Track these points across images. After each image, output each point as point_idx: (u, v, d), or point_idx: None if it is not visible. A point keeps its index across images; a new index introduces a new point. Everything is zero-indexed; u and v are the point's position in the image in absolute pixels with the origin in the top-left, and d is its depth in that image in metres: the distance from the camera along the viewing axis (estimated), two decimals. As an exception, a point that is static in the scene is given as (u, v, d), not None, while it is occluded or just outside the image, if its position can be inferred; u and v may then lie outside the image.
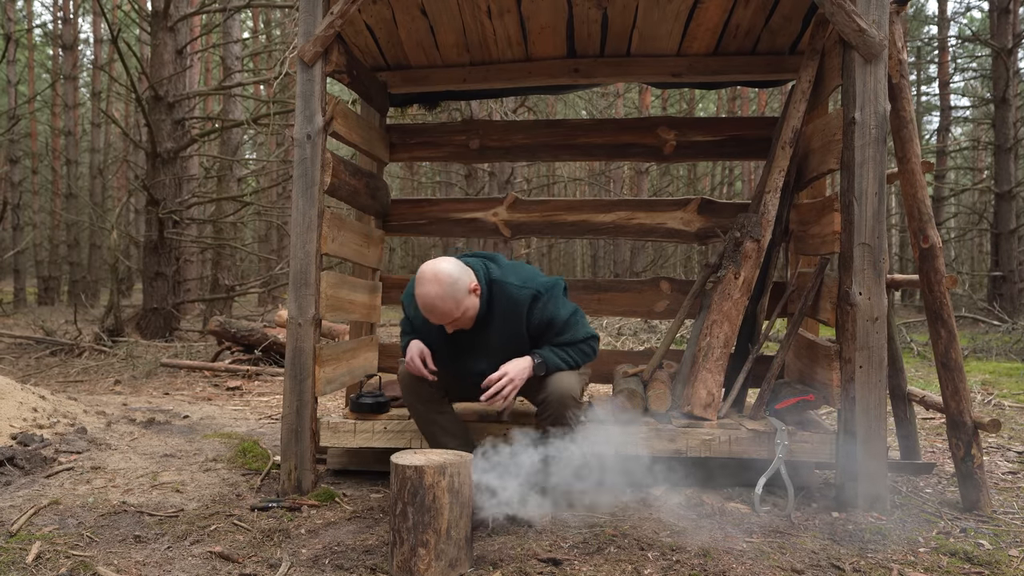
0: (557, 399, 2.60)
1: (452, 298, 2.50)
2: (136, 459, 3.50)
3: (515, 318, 2.63)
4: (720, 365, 3.12)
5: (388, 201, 3.99)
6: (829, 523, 2.64)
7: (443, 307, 2.51)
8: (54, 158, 21.02)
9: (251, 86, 16.20)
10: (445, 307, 2.51)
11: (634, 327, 11.03)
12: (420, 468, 2.13)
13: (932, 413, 4.44)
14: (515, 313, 2.62)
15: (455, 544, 2.16)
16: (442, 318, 2.55)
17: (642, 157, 4.01)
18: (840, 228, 2.82)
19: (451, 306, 2.51)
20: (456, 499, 2.16)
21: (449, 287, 2.50)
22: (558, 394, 2.60)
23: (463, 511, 2.19)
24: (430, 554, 2.12)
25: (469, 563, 2.21)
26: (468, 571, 2.19)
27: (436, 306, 2.51)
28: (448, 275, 2.50)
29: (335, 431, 3.10)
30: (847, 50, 2.79)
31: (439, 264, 2.54)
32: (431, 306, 2.51)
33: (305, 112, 3.03)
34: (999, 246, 13.24)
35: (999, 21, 13.11)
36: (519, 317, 2.63)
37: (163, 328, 9.33)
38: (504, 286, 2.63)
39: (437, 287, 2.49)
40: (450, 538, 2.15)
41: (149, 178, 9.36)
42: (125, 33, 17.00)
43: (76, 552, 2.33)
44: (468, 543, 2.22)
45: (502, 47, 3.76)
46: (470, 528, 2.23)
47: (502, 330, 2.66)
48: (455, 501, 2.16)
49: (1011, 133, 13.07)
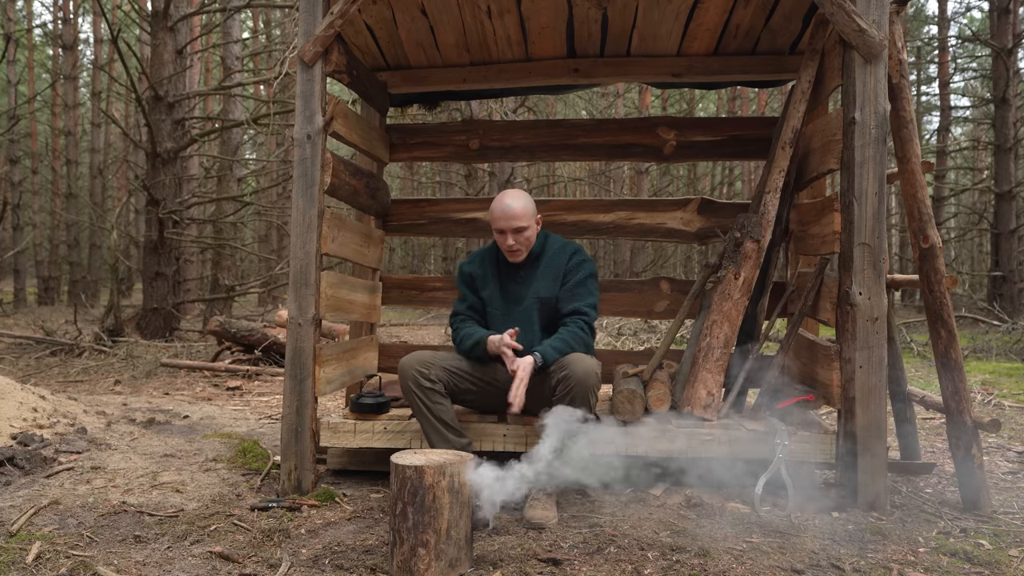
0: (579, 378, 2.64)
1: (529, 207, 2.94)
2: (136, 459, 3.49)
3: (560, 258, 3.03)
4: (720, 365, 3.12)
5: (388, 201, 3.99)
6: (829, 523, 2.64)
7: (521, 209, 2.91)
8: (54, 158, 21.02)
9: (251, 86, 16.20)
10: (523, 208, 2.92)
11: (634, 327, 11.03)
12: (420, 468, 2.13)
13: (932, 413, 4.44)
14: (561, 253, 3.04)
15: (455, 544, 2.16)
16: (516, 219, 2.90)
17: (642, 157, 4.01)
18: (840, 228, 2.82)
19: (527, 212, 2.92)
20: (456, 499, 2.16)
21: (527, 198, 2.98)
22: (581, 373, 2.65)
23: (463, 511, 2.19)
24: (430, 554, 2.12)
25: (469, 563, 2.21)
26: (468, 571, 2.19)
27: (515, 207, 2.90)
28: (526, 194, 3.01)
29: (335, 431, 3.10)
30: (847, 50, 2.79)
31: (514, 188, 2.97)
32: (511, 205, 2.90)
33: (305, 112, 3.03)
34: (999, 246, 13.23)
35: (999, 21, 13.11)
36: (563, 258, 3.03)
37: (163, 328, 9.33)
38: (554, 236, 3.14)
39: (520, 195, 2.97)
40: (450, 538, 2.15)
41: (149, 178, 9.36)
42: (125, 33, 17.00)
43: (76, 552, 2.33)
44: (468, 543, 2.22)
45: (502, 47, 3.77)
46: (470, 528, 2.23)
47: (546, 270, 3.01)
48: (455, 501, 2.16)
49: (1011, 133, 13.07)
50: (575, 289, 2.97)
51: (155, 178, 9.30)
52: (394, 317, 14.83)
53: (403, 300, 4.14)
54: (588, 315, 2.93)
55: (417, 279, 4.18)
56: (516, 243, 2.94)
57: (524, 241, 2.95)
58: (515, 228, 2.91)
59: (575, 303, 2.94)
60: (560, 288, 2.98)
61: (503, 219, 2.91)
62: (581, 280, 2.98)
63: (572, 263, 3.01)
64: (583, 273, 2.99)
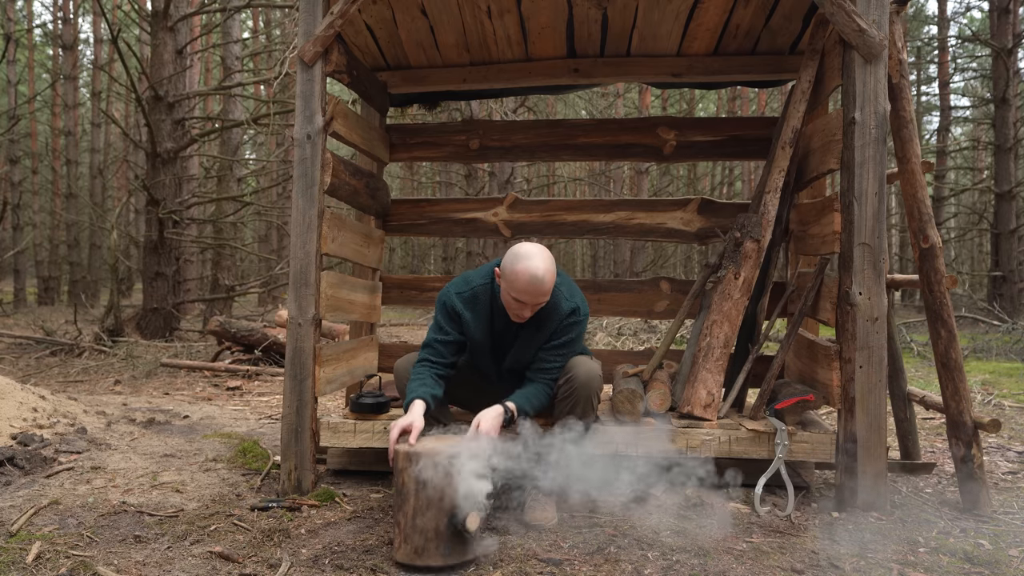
0: (583, 382, 2.59)
1: (552, 278, 2.54)
2: (136, 459, 3.49)
3: (555, 318, 2.68)
4: (720, 365, 3.12)
5: (388, 201, 3.99)
6: (829, 523, 2.64)
7: (549, 285, 2.52)
8: (54, 158, 21.02)
9: (251, 86, 16.20)
10: (551, 283, 2.53)
11: (634, 327, 11.03)
12: (398, 451, 2.28)
13: (932, 413, 4.44)
14: (555, 315, 2.68)
15: (420, 533, 2.19)
16: (543, 296, 2.54)
17: (642, 157, 4.01)
18: (840, 228, 2.82)
19: (550, 286, 2.54)
20: (422, 489, 2.19)
21: (553, 267, 2.55)
22: (584, 376, 2.60)
23: (430, 503, 2.19)
24: (400, 535, 2.24)
25: (441, 557, 2.19)
26: (438, 564, 2.18)
27: (547, 284, 2.51)
28: (550, 257, 2.56)
29: (335, 431, 3.10)
30: (847, 50, 2.79)
31: (537, 245, 2.57)
32: (544, 281, 2.49)
33: (305, 112, 3.03)
34: (999, 246, 13.23)
35: (999, 21, 13.11)
36: (557, 319, 2.68)
37: (163, 328, 9.33)
38: (557, 293, 2.69)
39: (551, 266, 2.53)
40: (415, 526, 2.20)
41: (149, 178, 9.35)
42: (125, 33, 17.00)
43: (76, 552, 2.33)
44: (440, 537, 2.19)
45: (502, 47, 3.77)
46: (444, 522, 2.18)
47: (540, 329, 2.70)
48: (421, 491, 2.19)
49: (1011, 133, 13.07)
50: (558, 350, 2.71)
51: (155, 178, 9.30)
52: (394, 317, 14.84)
53: (403, 300, 4.14)
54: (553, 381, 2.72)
55: (417, 279, 4.18)
56: (531, 314, 2.64)
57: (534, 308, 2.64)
58: (537, 304, 2.59)
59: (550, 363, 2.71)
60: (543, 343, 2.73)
61: (529, 294, 2.52)
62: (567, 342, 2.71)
63: (565, 324, 2.70)
64: (571, 335, 2.71)
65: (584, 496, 2.77)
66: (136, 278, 18.74)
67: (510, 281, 2.53)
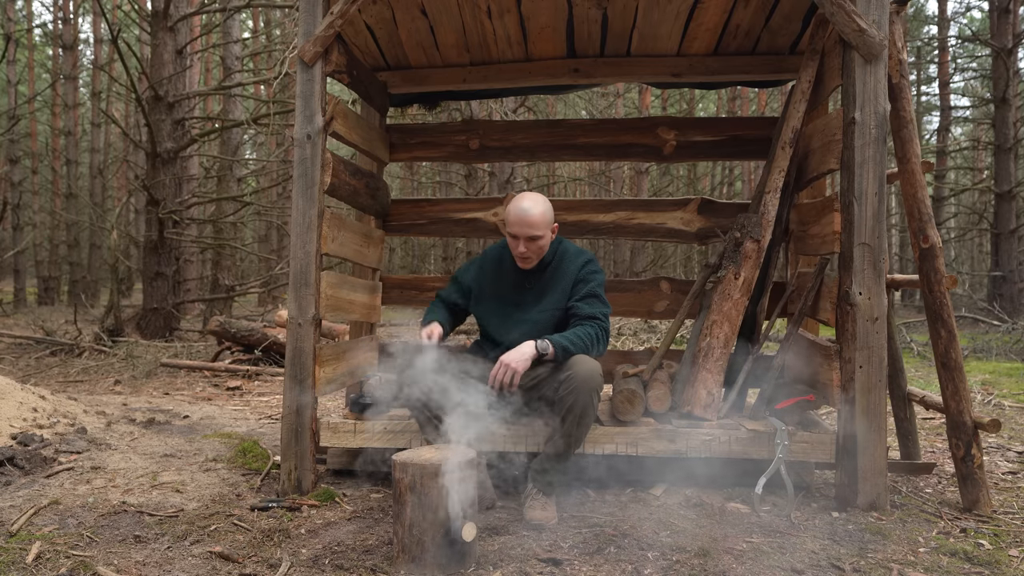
0: (582, 379, 2.59)
1: (547, 215, 2.83)
2: (136, 459, 3.49)
3: (571, 268, 2.92)
4: (720, 365, 3.12)
5: (388, 201, 3.99)
6: (829, 523, 2.64)
7: (539, 216, 2.79)
8: (54, 158, 21.01)
9: (251, 86, 16.20)
10: (541, 216, 2.80)
11: (634, 327, 11.03)
12: (395, 461, 2.25)
13: (932, 413, 4.44)
14: (573, 263, 2.93)
15: (417, 543, 2.18)
16: (532, 227, 2.79)
17: (642, 157, 4.01)
18: (840, 228, 2.82)
19: (544, 220, 2.81)
20: (419, 500, 2.17)
21: (545, 204, 2.85)
22: (584, 375, 2.60)
23: (425, 514, 2.17)
24: (399, 544, 2.21)
25: (439, 568, 2.17)
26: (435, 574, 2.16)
27: (533, 214, 2.78)
28: (545, 199, 2.88)
29: (335, 431, 3.10)
30: (847, 50, 2.79)
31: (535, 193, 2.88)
32: (529, 211, 2.78)
33: (305, 112, 3.03)
34: (999, 246, 13.23)
35: (999, 21, 13.10)
36: (574, 268, 2.92)
37: (163, 328, 9.32)
38: (567, 243, 3.03)
39: (539, 201, 2.84)
40: (412, 535, 2.18)
41: (149, 178, 9.35)
42: (125, 33, 17.00)
43: (76, 552, 2.33)
44: (437, 547, 2.17)
45: (502, 47, 3.76)
46: (441, 534, 2.17)
47: (556, 281, 2.92)
48: (417, 502, 2.17)
49: (1011, 133, 13.07)
50: (588, 299, 2.85)
51: (155, 178, 9.30)
52: (394, 317, 14.82)
53: (403, 300, 4.14)
54: (603, 321, 2.83)
55: (417, 279, 4.18)
56: (528, 251, 2.84)
57: (536, 250, 2.86)
58: (529, 236, 2.80)
59: (590, 310, 2.82)
60: (569, 299, 2.88)
61: (518, 225, 2.79)
62: (592, 291, 2.87)
63: (584, 273, 2.90)
64: (594, 283, 2.88)
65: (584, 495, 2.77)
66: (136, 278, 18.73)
67: (506, 218, 2.86)
